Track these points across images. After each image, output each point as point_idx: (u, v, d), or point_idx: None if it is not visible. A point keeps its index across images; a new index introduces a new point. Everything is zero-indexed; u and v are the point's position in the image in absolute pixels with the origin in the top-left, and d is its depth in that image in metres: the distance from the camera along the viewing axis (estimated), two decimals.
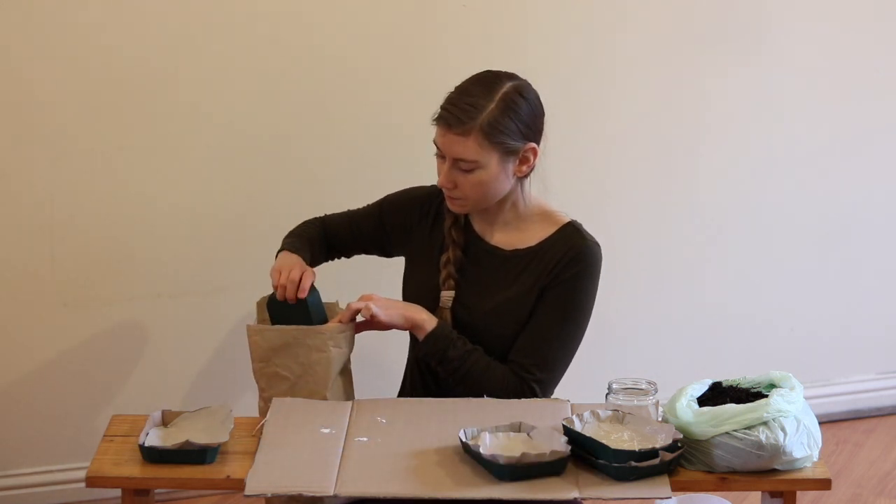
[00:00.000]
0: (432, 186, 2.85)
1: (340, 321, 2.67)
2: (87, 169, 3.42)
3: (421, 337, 2.71)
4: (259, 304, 2.83)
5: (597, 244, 2.75)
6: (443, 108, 2.68)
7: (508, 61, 3.62)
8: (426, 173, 2.88)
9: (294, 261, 2.77)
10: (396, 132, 3.59)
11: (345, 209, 2.99)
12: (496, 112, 2.65)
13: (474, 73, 2.78)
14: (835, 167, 3.98)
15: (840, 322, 4.10)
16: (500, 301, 2.73)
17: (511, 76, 2.73)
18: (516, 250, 2.76)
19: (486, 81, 2.70)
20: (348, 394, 2.72)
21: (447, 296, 2.76)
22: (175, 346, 3.59)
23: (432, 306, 2.76)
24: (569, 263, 2.71)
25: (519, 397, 2.68)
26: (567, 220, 2.78)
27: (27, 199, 3.41)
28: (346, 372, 2.71)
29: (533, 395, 2.70)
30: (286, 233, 2.94)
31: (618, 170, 3.81)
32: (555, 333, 2.72)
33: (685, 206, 3.90)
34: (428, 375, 2.81)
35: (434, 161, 2.75)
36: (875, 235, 4.07)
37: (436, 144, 2.70)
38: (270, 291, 2.77)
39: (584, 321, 2.75)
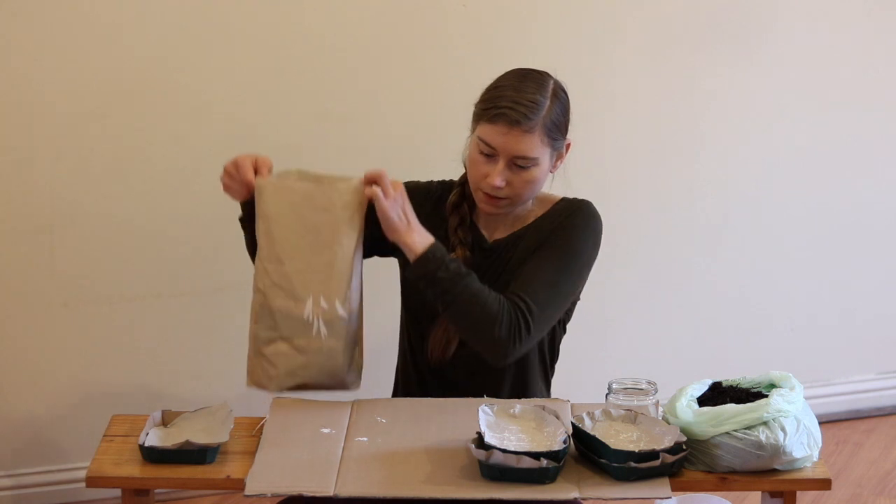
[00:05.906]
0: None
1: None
2: (87, 169, 3.42)
3: (412, 259, 2.61)
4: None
5: (592, 203, 2.74)
6: (502, 106, 2.61)
7: (508, 61, 3.63)
8: (425, 172, 2.87)
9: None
10: (396, 131, 3.59)
11: None
12: (553, 108, 2.65)
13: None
14: (835, 167, 3.98)
15: (840, 322, 4.10)
16: (503, 281, 2.68)
17: (546, 73, 2.71)
18: (512, 233, 2.74)
19: (535, 78, 2.68)
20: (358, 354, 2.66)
21: None
22: (175, 346, 3.59)
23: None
24: (566, 217, 2.71)
25: (512, 327, 2.57)
26: (559, 196, 2.77)
27: (27, 199, 3.41)
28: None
29: (526, 328, 2.58)
30: None
31: (618, 169, 3.81)
32: (548, 272, 2.65)
33: (685, 206, 3.90)
34: (418, 383, 2.79)
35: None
36: (875, 235, 4.06)
37: (485, 143, 2.63)
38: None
39: (578, 268, 2.69)
